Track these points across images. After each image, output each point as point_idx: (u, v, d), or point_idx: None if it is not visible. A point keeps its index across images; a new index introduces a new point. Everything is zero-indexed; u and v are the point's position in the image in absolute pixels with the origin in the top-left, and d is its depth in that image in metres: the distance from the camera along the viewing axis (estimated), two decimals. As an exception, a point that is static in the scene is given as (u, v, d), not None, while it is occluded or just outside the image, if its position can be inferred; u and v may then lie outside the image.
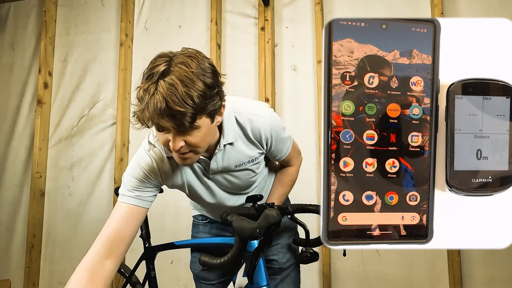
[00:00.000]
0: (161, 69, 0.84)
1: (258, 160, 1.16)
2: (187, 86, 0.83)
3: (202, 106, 0.86)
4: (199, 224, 1.42)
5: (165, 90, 0.82)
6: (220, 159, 1.09)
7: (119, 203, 1.04)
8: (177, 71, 0.84)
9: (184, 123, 0.85)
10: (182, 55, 0.88)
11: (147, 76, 0.86)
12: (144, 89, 0.85)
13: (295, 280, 1.32)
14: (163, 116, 0.83)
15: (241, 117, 1.08)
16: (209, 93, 0.87)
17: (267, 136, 1.11)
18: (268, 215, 0.88)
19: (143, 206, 1.05)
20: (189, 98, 0.83)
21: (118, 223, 1.00)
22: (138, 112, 0.86)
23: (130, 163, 1.08)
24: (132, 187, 1.04)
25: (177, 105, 0.82)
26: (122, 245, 1.00)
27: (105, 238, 0.98)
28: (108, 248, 0.97)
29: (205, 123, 0.90)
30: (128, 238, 1.01)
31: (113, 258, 0.98)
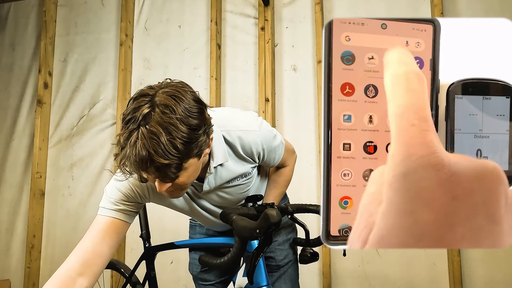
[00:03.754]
0: (143, 112, 0.77)
1: (251, 174, 1.13)
2: (170, 134, 0.76)
3: (187, 153, 0.79)
4: (196, 225, 1.42)
5: (148, 141, 0.75)
6: (212, 181, 1.04)
7: (98, 217, 0.97)
8: (158, 116, 0.76)
9: (169, 175, 0.80)
10: (164, 94, 0.80)
11: (128, 120, 0.79)
12: (125, 137, 0.78)
13: (292, 277, 1.31)
14: (146, 169, 0.78)
15: (229, 135, 1.02)
16: (194, 136, 0.80)
17: (259, 151, 1.07)
18: (268, 215, 0.88)
19: (125, 220, 0.98)
20: (173, 148, 0.76)
21: (96, 238, 0.94)
22: (118, 162, 0.80)
23: (114, 176, 1.00)
24: (116, 200, 0.97)
25: (161, 156, 0.76)
26: (98, 262, 0.92)
27: (80, 254, 0.91)
28: (83, 264, 0.90)
29: (192, 163, 0.84)
30: (105, 255, 0.94)
31: (88, 275, 0.90)
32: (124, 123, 0.80)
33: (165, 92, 0.81)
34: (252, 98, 2.59)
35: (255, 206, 1.11)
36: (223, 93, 2.65)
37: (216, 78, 2.59)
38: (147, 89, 0.83)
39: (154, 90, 0.82)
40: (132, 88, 2.79)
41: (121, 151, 0.80)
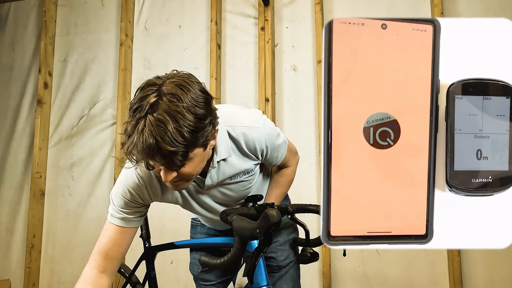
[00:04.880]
0: (150, 101, 0.78)
1: (253, 171, 1.13)
2: (177, 122, 0.77)
3: (193, 141, 0.81)
4: (197, 225, 1.42)
5: (155, 128, 0.77)
6: (214, 176, 1.05)
7: (108, 223, 1.04)
8: (166, 105, 0.78)
9: (175, 162, 0.81)
10: (172, 84, 0.81)
11: (135, 109, 0.80)
12: (133, 125, 0.79)
13: (293, 277, 1.31)
14: (153, 156, 0.79)
15: (234, 131, 1.04)
16: (201, 125, 0.81)
17: (262, 148, 1.08)
18: (268, 215, 0.87)
19: (130, 226, 1.04)
20: (180, 136, 0.78)
21: (108, 245, 1.02)
22: (126, 151, 0.82)
23: (118, 180, 1.04)
24: (120, 208, 1.02)
25: (168, 144, 0.77)
26: (114, 263, 1.04)
27: (97, 256, 1.02)
28: (102, 265, 1.02)
29: (198, 154, 0.85)
30: (119, 256, 1.05)
31: (107, 274, 1.03)
32: (131, 111, 0.81)
33: (172, 82, 0.82)
34: (252, 98, 2.59)
35: (255, 206, 1.11)
36: (223, 93, 2.65)
37: (216, 78, 2.59)
38: (154, 79, 0.84)
39: (161, 80, 0.83)
40: (132, 88, 2.78)
41: (128, 139, 0.81)
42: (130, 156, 0.83)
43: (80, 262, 2.63)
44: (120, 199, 1.01)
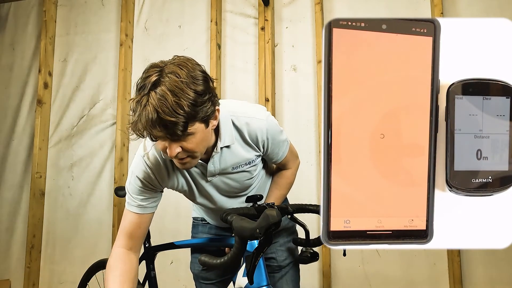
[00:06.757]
0: (152, 80, 0.87)
1: (255, 162, 1.17)
2: (177, 95, 0.85)
3: (193, 114, 0.88)
4: (198, 224, 1.42)
5: (156, 101, 0.85)
6: (217, 162, 1.11)
7: (126, 210, 1.14)
8: (167, 82, 0.86)
9: (176, 132, 0.88)
10: (172, 64, 0.90)
11: (139, 88, 0.89)
12: (137, 101, 0.88)
13: (294, 278, 1.32)
14: (155, 126, 0.86)
15: (238, 120, 1.10)
16: (200, 100, 0.89)
17: (264, 139, 1.13)
18: (268, 215, 0.88)
19: (146, 212, 1.13)
20: (179, 108, 0.85)
21: (130, 228, 1.12)
22: (132, 124, 0.90)
23: (129, 170, 1.14)
24: (135, 195, 1.11)
25: (167, 115, 0.85)
26: (138, 241, 1.15)
27: (122, 236, 1.12)
28: (128, 244, 1.12)
29: (199, 129, 0.93)
30: (141, 235, 1.15)
31: (133, 251, 1.14)
32: (136, 90, 0.91)
33: (173, 63, 0.91)
34: (252, 98, 2.59)
35: (255, 206, 1.11)
36: (223, 93, 2.65)
37: (216, 78, 2.59)
38: (158, 62, 0.93)
39: (164, 63, 0.92)
40: (132, 88, 2.78)
41: (133, 114, 0.90)
42: (136, 127, 0.89)
43: (80, 262, 2.63)
44: (132, 187, 1.11)
